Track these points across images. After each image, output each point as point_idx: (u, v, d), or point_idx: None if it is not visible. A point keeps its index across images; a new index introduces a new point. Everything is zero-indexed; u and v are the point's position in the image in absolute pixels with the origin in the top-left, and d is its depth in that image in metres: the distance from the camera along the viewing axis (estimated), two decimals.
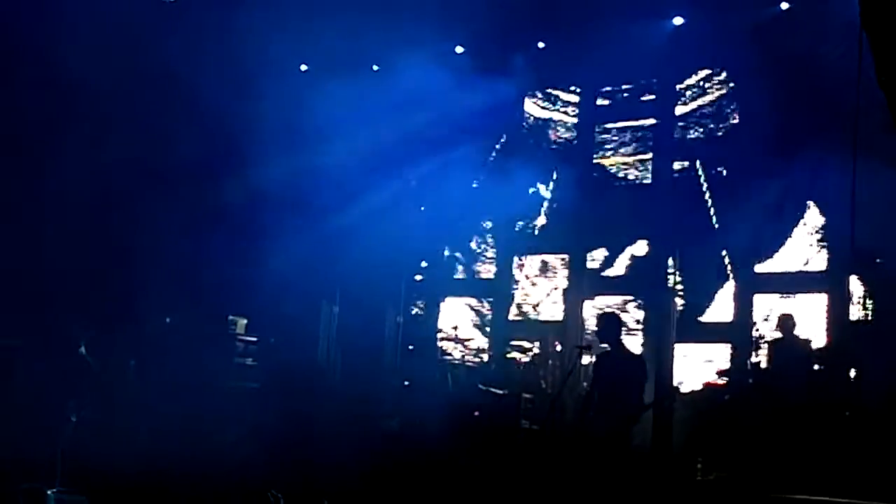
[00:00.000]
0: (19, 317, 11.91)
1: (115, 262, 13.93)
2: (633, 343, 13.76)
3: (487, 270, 16.47)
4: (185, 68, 13.65)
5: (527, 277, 15.99)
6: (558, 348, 13.96)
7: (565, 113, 15.98)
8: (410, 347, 15.33)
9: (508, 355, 14.65)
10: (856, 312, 12.80)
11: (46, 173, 13.46)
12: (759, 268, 13.87)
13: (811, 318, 12.79)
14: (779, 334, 11.95)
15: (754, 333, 13.67)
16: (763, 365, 12.37)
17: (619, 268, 15.14)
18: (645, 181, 15.16)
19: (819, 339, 12.61)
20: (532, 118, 16.20)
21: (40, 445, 10.17)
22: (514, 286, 16.04)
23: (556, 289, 15.68)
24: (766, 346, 12.51)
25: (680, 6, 14.19)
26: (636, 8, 13.89)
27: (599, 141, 15.60)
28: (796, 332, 11.81)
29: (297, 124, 14.72)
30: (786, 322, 11.84)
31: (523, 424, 12.34)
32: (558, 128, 16.01)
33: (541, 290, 15.80)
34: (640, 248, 14.96)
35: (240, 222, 14.95)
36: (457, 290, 16.60)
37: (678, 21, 14.26)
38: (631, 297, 14.85)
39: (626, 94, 15.46)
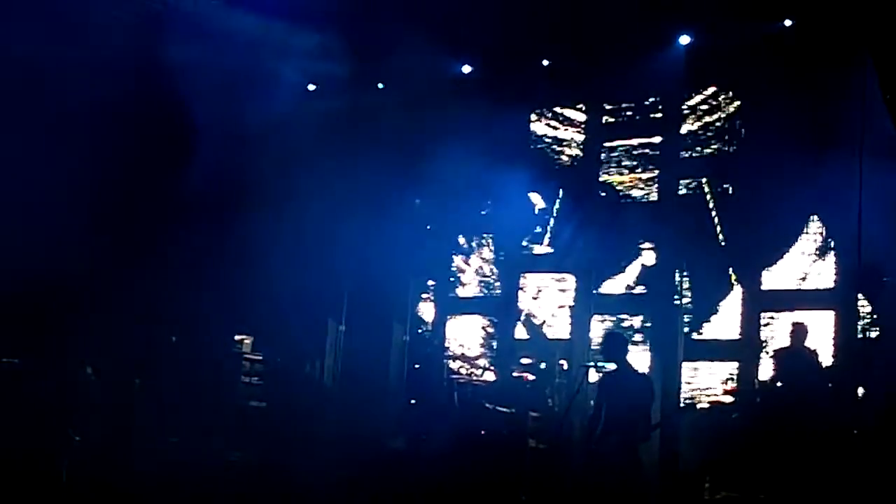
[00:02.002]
0: (23, 336, 11.89)
1: (119, 281, 13.90)
2: (640, 362, 13.69)
3: (493, 289, 16.42)
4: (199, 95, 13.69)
5: (533, 296, 15.94)
6: (565, 366, 13.92)
7: (571, 131, 15.96)
8: (416, 366, 15.27)
9: (515, 374, 14.57)
10: (863, 330, 12.71)
11: (46, 185, 13.42)
12: (766, 285, 13.82)
13: (818, 335, 12.70)
14: (788, 343, 11.86)
15: (761, 350, 13.60)
16: (770, 381, 12.30)
17: (626, 286, 15.08)
18: (651, 199, 15.13)
19: (826, 357, 12.53)
20: (538, 136, 16.18)
21: (43, 466, 10.15)
22: (520, 304, 15.98)
23: (562, 307, 15.62)
24: (775, 354, 12.38)
25: (686, 24, 14.18)
26: (643, 26, 13.89)
27: (605, 159, 15.58)
28: (807, 342, 11.74)
29: (299, 142, 14.72)
30: (798, 331, 11.76)
31: (530, 443, 12.29)
32: (564, 146, 15.99)
33: (547, 308, 15.75)
34: (647, 265, 14.91)
35: (246, 240, 14.93)
36: (463, 309, 16.56)
37: (685, 40, 14.25)
38: (637, 315, 14.80)
39: (632, 112, 15.45)
